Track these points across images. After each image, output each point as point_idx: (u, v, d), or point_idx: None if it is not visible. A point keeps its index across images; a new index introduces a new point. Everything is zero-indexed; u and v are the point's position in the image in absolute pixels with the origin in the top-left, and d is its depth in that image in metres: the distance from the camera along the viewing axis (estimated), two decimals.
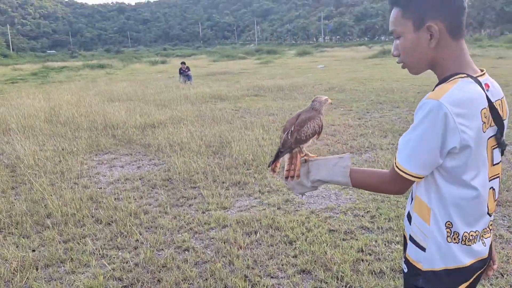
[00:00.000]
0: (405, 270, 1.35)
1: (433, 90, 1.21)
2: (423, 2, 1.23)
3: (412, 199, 1.33)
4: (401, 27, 1.28)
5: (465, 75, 1.20)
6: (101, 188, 5.12)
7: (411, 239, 1.31)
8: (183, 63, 18.88)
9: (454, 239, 1.24)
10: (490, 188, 1.28)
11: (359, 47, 56.26)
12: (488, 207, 1.29)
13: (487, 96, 1.19)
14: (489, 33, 60.40)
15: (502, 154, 1.30)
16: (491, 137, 1.23)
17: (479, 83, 1.19)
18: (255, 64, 30.46)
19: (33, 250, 3.55)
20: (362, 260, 3.11)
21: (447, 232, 1.24)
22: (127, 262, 3.28)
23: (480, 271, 1.31)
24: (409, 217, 1.34)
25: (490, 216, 1.32)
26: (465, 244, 1.25)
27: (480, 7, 62.14)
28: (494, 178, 1.29)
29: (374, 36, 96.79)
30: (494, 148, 1.26)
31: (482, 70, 1.28)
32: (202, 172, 5.37)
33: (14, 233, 3.88)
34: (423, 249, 1.27)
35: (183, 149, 6.55)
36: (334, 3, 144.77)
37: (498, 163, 1.30)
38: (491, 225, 1.34)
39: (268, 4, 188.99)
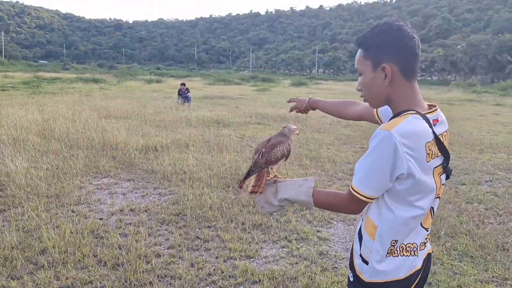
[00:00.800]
0: (351, 279, 1.48)
1: (388, 122, 1.33)
2: (380, 47, 1.38)
3: (363, 219, 1.46)
4: (362, 66, 1.44)
5: (414, 111, 1.35)
6: (102, 219, 4.51)
7: (360, 256, 1.43)
8: (182, 84, 18.42)
9: (394, 253, 1.37)
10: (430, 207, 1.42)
11: (352, 82, 56.72)
12: (425, 222, 1.43)
13: (433, 131, 1.33)
14: (480, 79, 61.62)
15: (447, 178, 1.44)
16: (438, 166, 1.37)
17: (427, 120, 1.33)
18: (252, 91, 30.19)
19: None
20: None
21: (390, 249, 1.36)
22: None
23: (416, 282, 1.42)
24: (359, 235, 1.45)
25: (427, 230, 1.46)
26: (403, 255, 1.38)
27: (473, 53, 63.61)
28: (435, 198, 1.42)
29: None
30: (441, 175, 1.40)
31: (434, 106, 1.43)
32: (216, 208, 4.80)
33: (1, 272, 3.25)
34: (367, 262, 1.39)
35: (192, 178, 5.98)
36: (329, 38, 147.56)
37: (442, 185, 1.45)
38: (426, 239, 1.47)
39: (265, 33, 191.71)
